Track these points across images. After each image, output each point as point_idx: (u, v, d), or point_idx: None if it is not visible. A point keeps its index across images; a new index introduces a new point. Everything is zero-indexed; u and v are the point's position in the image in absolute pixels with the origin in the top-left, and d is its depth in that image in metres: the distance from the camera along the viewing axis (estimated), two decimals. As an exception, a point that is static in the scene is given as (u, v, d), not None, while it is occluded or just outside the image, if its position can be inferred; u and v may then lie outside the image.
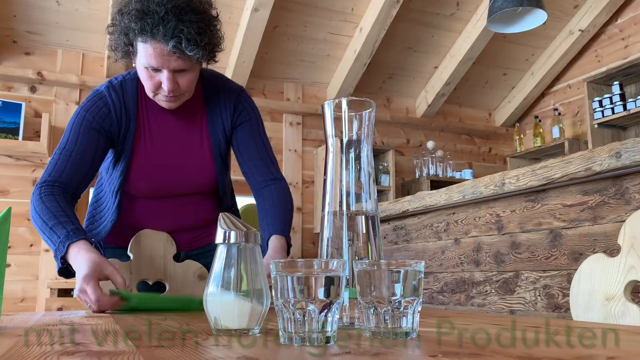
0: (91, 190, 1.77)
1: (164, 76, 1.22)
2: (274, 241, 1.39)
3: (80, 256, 1.12)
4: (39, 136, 3.44)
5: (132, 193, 1.39)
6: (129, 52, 1.27)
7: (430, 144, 4.43)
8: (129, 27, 1.18)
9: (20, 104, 3.42)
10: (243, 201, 4.18)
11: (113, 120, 1.32)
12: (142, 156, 1.36)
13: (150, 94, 1.29)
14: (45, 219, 1.19)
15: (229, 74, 3.95)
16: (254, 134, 1.48)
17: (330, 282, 0.57)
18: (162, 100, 1.29)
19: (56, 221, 1.18)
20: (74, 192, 1.29)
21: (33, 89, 3.59)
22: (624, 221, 0.95)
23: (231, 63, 3.88)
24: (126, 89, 1.34)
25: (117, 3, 1.24)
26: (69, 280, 3.35)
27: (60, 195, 1.24)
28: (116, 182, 1.36)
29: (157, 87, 1.25)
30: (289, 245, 1.44)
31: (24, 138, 3.40)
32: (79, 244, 1.14)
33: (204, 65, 1.32)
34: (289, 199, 1.47)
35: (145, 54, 1.20)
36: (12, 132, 3.36)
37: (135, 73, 1.35)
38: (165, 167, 1.37)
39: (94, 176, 1.33)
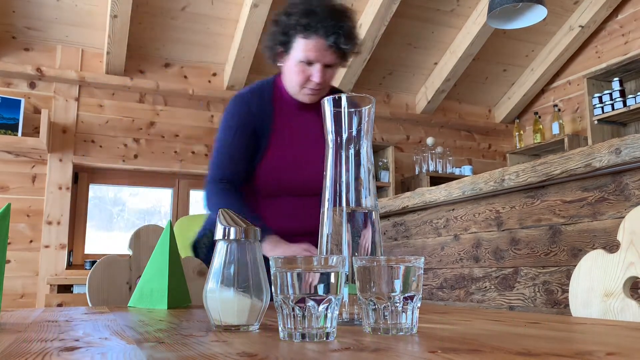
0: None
1: (315, 69, 1.41)
2: None
3: (278, 247, 1.32)
4: (38, 132, 3.43)
5: (260, 189, 1.48)
6: (278, 53, 1.47)
7: (430, 140, 4.42)
8: (295, 24, 1.38)
9: (20, 100, 3.42)
10: (243, 197, 4.18)
11: (255, 120, 1.47)
12: (276, 152, 1.47)
13: (296, 88, 1.46)
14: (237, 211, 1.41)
15: (228, 70, 3.95)
16: None
17: (329, 278, 0.58)
18: (307, 94, 1.45)
19: (249, 215, 1.36)
20: (240, 184, 1.47)
21: (32, 85, 3.59)
22: (623, 217, 0.95)
23: (230, 59, 3.87)
24: (263, 93, 1.52)
25: (282, 7, 1.45)
26: (68, 277, 3.36)
27: (231, 190, 1.45)
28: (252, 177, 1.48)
29: (306, 80, 1.43)
30: None
31: (23, 134, 3.40)
32: (272, 238, 1.34)
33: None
34: None
35: (304, 48, 1.39)
36: (12, 128, 3.36)
37: (271, 80, 1.56)
38: (295, 159, 1.48)
39: (247, 172, 1.49)
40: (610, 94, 3.89)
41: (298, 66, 1.42)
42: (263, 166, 1.47)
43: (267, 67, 4.19)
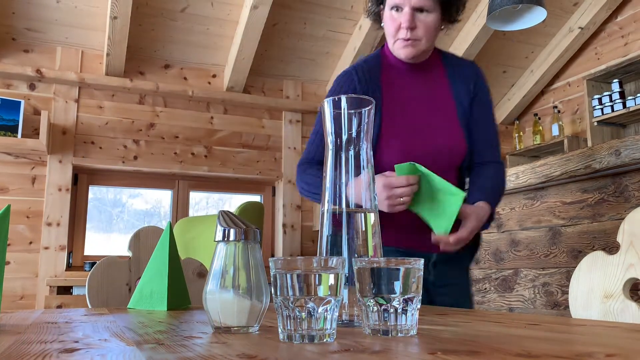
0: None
1: (403, 13, 1.33)
2: (481, 204, 1.33)
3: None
4: (38, 134, 3.43)
5: (384, 163, 1.35)
6: (378, 12, 1.43)
7: (429, 142, 4.42)
8: None
9: (20, 102, 3.42)
10: (242, 199, 4.18)
11: (359, 94, 1.36)
12: (391, 119, 1.37)
13: (391, 42, 1.39)
14: (315, 183, 1.37)
15: (228, 71, 3.95)
16: (488, 114, 1.47)
17: (329, 279, 0.57)
18: (400, 46, 1.37)
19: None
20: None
21: (32, 87, 3.59)
22: (623, 219, 0.95)
23: (230, 60, 3.87)
24: (370, 63, 1.44)
25: None
26: (68, 278, 3.36)
27: (317, 171, 1.39)
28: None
29: (398, 29, 1.35)
30: (490, 219, 1.36)
31: (23, 135, 3.40)
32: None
33: (443, 27, 1.43)
34: (504, 182, 1.46)
35: None
36: (11, 130, 3.36)
37: (378, 50, 1.49)
38: (413, 126, 1.37)
39: None
40: (610, 96, 3.89)
41: (389, 15, 1.36)
42: (382, 143, 1.36)
43: (268, 68, 4.21)
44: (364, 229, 0.77)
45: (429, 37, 1.37)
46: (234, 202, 4.29)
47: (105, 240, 3.88)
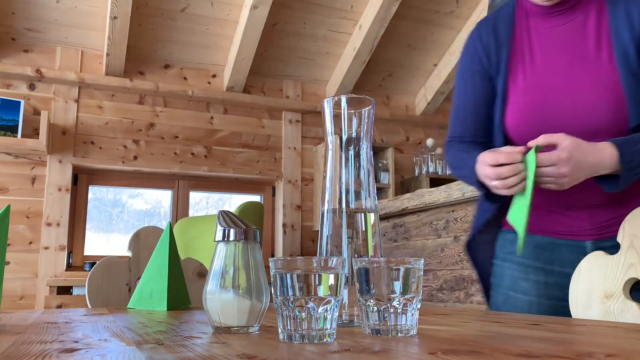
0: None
1: None
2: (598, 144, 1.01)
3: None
4: (38, 134, 3.43)
5: (514, 141, 1.15)
6: None
7: (429, 142, 4.43)
8: None
9: (19, 102, 3.42)
10: (242, 199, 4.19)
11: (481, 55, 1.20)
12: (520, 81, 1.14)
13: None
14: (459, 166, 1.18)
15: (228, 71, 3.95)
16: None
17: (329, 279, 0.57)
18: None
19: (466, 162, 1.15)
20: (483, 140, 1.20)
21: (32, 87, 3.59)
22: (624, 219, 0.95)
23: (230, 60, 3.87)
24: (500, 16, 1.21)
25: None
26: (68, 278, 3.36)
27: (469, 147, 1.19)
28: (497, 124, 1.17)
29: None
30: (623, 158, 0.98)
31: (22, 135, 3.39)
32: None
33: None
34: None
35: None
36: (11, 130, 3.36)
37: None
38: (547, 84, 1.11)
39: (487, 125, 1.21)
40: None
41: None
42: (508, 106, 1.15)
43: (268, 68, 4.20)
44: (364, 228, 0.77)
45: None
46: (233, 202, 4.29)
47: (105, 241, 3.88)
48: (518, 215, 1.02)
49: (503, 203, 1.17)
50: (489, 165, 1.02)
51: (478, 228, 1.22)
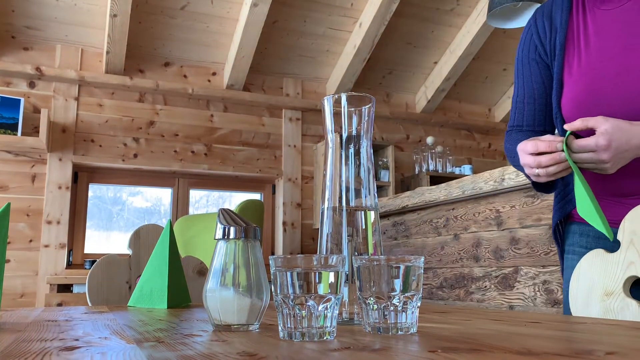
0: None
1: None
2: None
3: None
4: (38, 132, 3.43)
5: (565, 115, 1.14)
6: None
7: (429, 140, 4.43)
8: None
9: (19, 100, 3.42)
10: (242, 197, 4.19)
11: (537, 42, 1.19)
12: (575, 66, 1.11)
13: None
14: (513, 155, 1.17)
15: (228, 69, 3.94)
16: None
17: (329, 277, 0.57)
18: None
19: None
20: (543, 129, 1.20)
21: (32, 85, 3.59)
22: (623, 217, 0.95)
23: (230, 58, 3.87)
24: (557, 2, 1.18)
25: None
26: (68, 276, 3.36)
27: (527, 135, 1.16)
28: (555, 112, 1.15)
29: None
30: None
31: (22, 134, 3.39)
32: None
33: None
34: None
35: None
36: (11, 128, 3.36)
37: None
38: (604, 77, 1.06)
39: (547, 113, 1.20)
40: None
41: None
42: (564, 97, 1.12)
43: (268, 66, 4.20)
44: (364, 226, 0.77)
45: None
46: (234, 200, 4.29)
47: (105, 239, 3.89)
48: (585, 206, 0.97)
49: (558, 191, 1.18)
50: (529, 153, 1.00)
51: (559, 218, 1.19)
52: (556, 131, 1.19)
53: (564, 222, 1.19)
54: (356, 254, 0.75)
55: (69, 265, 3.54)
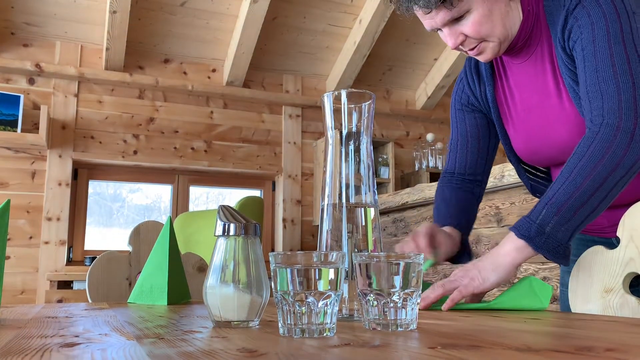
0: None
1: (444, 35, 1.06)
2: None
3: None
4: (38, 128, 3.43)
5: (525, 160, 1.18)
6: None
7: (429, 136, 4.42)
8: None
9: (19, 96, 3.41)
10: (242, 194, 4.19)
11: (469, 93, 1.22)
12: (508, 120, 1.16)
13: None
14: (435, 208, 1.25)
15: (227, 66, 3.94)
16: (585, 53, 0.96)
17: (329, 274, 0.58)
18: (474, 56, 1.09)
19: (436, 212, 1.22)
20: (473, 178, 1.23)
21: (31, 81, 3.58)
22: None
23: (230, 55, 3.86)
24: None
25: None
26: (68, 273, 3.36)
27: (456, 185, 1.23)
28: (507, 153, 1.20)
29: (454, 46, 1.06)
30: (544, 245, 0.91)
31: (22, 130, 3.39)
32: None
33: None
34: (596, 152, 0.89)
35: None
36: (11, 124, 3.36)
37: None
38: (530, 129, 1.10)
39: (491, 158, 1.24)
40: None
41: (440, 35, 1.09)
42: (510, 139, 1.17)
43: (267, 63, 4.19)
44: (364, 223, 0.77)
45: (488, 32, 1.02)
46: (234, 196, 4.29)
47: (106, 235, 3.89)
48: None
49: None
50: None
51: None
52: (517, 170, 1.22)
53: None
54: (356, 250, 0.76)
55: (69, 261, 3.55)
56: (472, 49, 1.05)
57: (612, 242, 1.11)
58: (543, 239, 0.87)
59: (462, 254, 1.16)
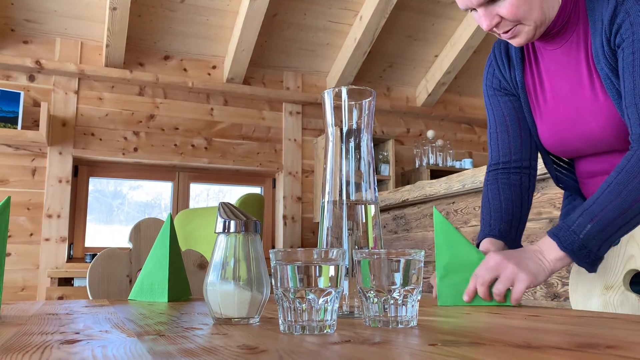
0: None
1: (478, 16, 1.03)
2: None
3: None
4: (38, 125, 3.43)
5: (552, 152, 1.15)
6: None
7: (430, 133, 4.42)
8: None
9: (19, 93, 3.41)
10: (242, 191, 4.19)
11: (499, 77, 1.19)
12: (535, 107, 1.14)
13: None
14: (482, 209, 1.18)
15: (228, 63, 3.93)
16: (627, 60, 0.94)
17: (329, 271, 0.57)
18: (507, 39, 1.06)
19: (482, 217, 1.16)
20: (520, 165, 1.16)
21: (31, 78, 3.58)
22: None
23: (230, 51, 3.86)
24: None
25: None
26: (69, 270, 3.37)
27: (502, 180, 1.16)
28: (535, 140, 1.16)
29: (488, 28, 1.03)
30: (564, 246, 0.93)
31: (22, 127, 3.39)
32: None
33: None
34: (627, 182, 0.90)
35: None
36: (11, 121, 3.36)
37: None
38: (559, 119, 1.09)
39: (535, 142, 1.17)
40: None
41: (474, 16, 1.06)
42: (538, 128, 1.14)
43: (267, 59, 4.19)
44: (364, 220, 0.77)
45: (524, 15, 0.98)
46: (234, 194, 4.30)
47: (106, 232, 3.89)
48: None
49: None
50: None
51: None
52: (540, 161, 1.19)
53: None
54: (356, 247, 0.76)
55: (70, 258, 3.55)
56: (506, 32, 1.02)
57: None
58: (584, 253, 0.89)
59: None
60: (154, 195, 4.10)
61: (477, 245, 1.09)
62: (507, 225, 1.10)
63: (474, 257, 0.95)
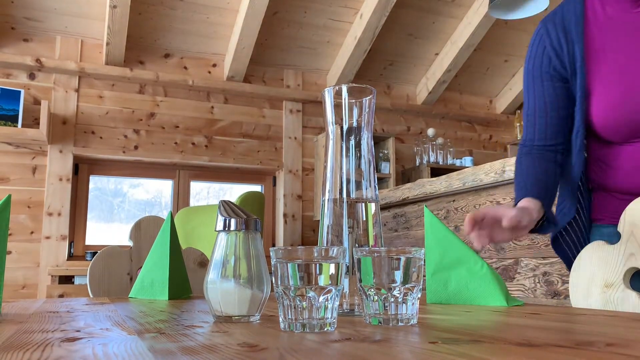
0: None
1: None
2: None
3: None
4: (38, 123, 3.43)
5: (603, 136, 1.09)
6: None
7: (430, 131, 4.42)
8: None
9: (19, 91, 3.41)
10: (243, 189, 4.19)
11: (551, 55, 1.13)
12: (605, 73, 1.07)
13: None
14: (516, 179, 1.16)
15: (228, 61, 3.93)
16: None
17: (330, 269, 0.58)
18: None
19: (515, 187, 1.13)
20: (554, 145, 1.14)
21: (32, 76, 3.58)
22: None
23: (230, 49, 3.86)
24: (567, 10, 1.12)
25: None
26: (69, 268, 3.37)
27: (536, 154, 1.14)
28: (577, 126, 1.10)
29: None
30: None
31: (23, 125, 3.39)
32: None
33: None
34: None
35: None
36: (11, 120, 3.36)
37: None
38: (623, 91, 1.03)
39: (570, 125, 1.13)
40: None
41: None
42: (594, 106, 1.07)
43: (268, 57, 4.19)
44: (364, 218, 0.77)
45: None
46: (234, 192, 4.30)
47: (107, 230, 3.89)
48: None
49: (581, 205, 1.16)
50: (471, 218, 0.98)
51: (562, 227, 1.16)
52: (576, 148, 1.13)
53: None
54: (357, 245, 0.76)
55: (70, 256, 3.55)
56: None
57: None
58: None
59: (545, 223, 1.07)
60: (154, 194, 4.11)
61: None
62: (543, 191, 1.07)
63: (464, 255, 0.95)
